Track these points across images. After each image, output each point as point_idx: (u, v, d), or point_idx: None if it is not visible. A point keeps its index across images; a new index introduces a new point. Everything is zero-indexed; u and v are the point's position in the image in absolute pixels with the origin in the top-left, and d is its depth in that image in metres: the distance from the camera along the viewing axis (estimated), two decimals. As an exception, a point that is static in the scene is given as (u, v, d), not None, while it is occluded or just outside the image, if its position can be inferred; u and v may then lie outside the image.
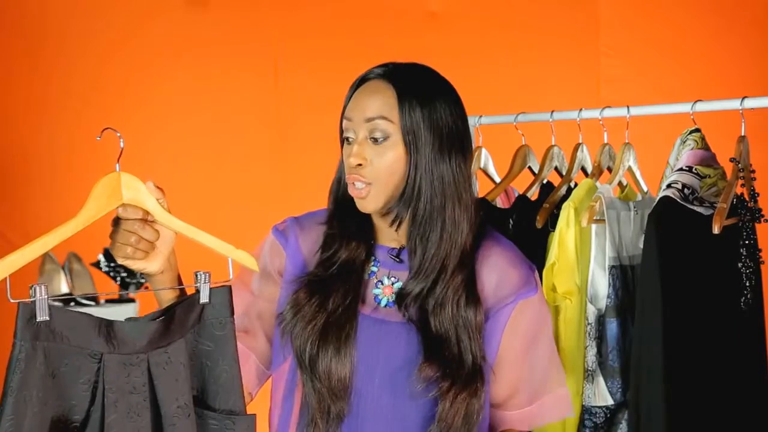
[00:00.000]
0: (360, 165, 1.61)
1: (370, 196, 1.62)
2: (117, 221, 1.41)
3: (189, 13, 3.77)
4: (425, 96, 1.62)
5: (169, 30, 3.75)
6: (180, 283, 1.50)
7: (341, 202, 1.70)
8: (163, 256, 1.45)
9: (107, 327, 1.32)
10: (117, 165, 1.38)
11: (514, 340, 1.67)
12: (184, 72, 3.76)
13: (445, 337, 1.61)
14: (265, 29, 3.83)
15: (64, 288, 3.36)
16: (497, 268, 1.67)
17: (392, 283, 1.68)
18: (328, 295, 1.65)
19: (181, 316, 1.40)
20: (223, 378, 1.44)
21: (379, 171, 1.61)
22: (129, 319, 1.36)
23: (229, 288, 1.45)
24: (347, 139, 1.64)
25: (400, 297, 1.65)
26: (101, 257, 3.35)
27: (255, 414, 1.47)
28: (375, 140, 1.60)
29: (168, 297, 1.48)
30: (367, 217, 1.69)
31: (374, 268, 1.70)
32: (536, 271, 1.72)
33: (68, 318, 1.28)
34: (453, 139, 1.63)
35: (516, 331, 1.67)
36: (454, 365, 1.60)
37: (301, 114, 3.82)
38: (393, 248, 1.70)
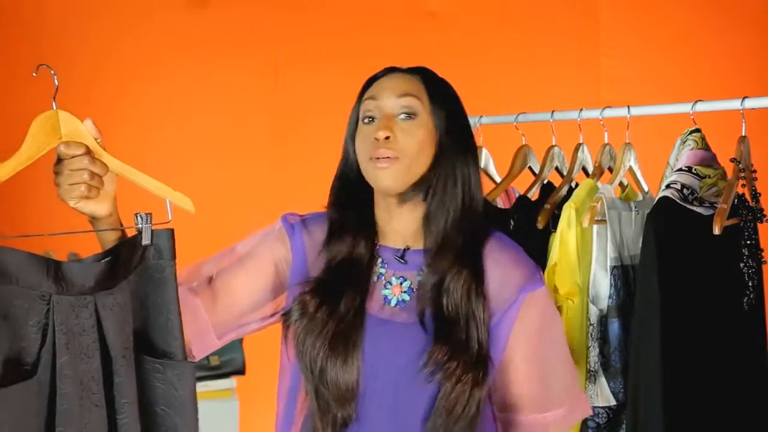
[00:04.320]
0: (388, 138, 1.60)
1: (395, 170, 1.60)
2: (59, 164, 1.36)
3: (189, 13, 3.76)
4: (449, 94, 1.68)
5: (169, 30, 3.74)
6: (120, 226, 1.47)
7: (346, 197, 1.69)
8: (110, 197, 1.42)
9: (56, 268, 1.29)
10: (53, 103, 1.32)
11: (524, 338, 1.66)
12: (184, 72, 3.76)
13: (455, 321, 1.61)
14: (265, 29, 3.82)
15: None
16: (501, 266, 1.66)
17: (400, 283, 1.68)
18: (337, 300, 1.64)
19: (125, 257, 1.38)
20: (161, 321, 1.42)
21: (407, 146, 1.61)
22: (72, 261, 1.33)
23: (172, 231, 1.42)
24: (370, 119, 1.64)
25: (419, 288, 1.65)
26: (101, 257, 3.35)
27: (191, 363, 1.44)
28: (407, 115, 1.62)
29: (112, 239, 1.44)
30: (370, 213, 1.69)
31: (382, 270, 1.69)
32: (541, 271, 1.71)
33: (17, 258, 1.25)
34: (470, 139, 1.69)
35: (525, 328, 1.66)
36: (461, 349, 1.60)
37: (301, 114, 3.82)
38: (398, 249, 1.69)
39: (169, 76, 3.75)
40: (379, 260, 1.69)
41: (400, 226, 1.69)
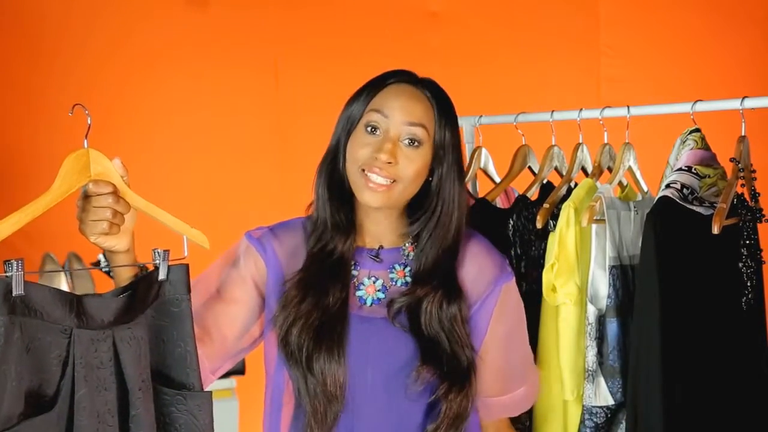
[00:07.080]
0: (390, 163, 1.65)
1: (386, 195, 1.65)
2: (85, 199, 1.40)
3: (189, 13, 3.76)
4: (453, 117, 1.72)
5: (168, 30, 3.74)
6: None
7: (335, 191, 1.72)
8: (130, 233, 1.45)
9: (78, 302, 1.33)
10: (85, 141, 1.37)
11: (500, 325, 1.73)
12: (184, 72, 3.76)
13: (438, 338, 1.65)
14: (265, 29, 3.82)
15: (65, 288, 3.35)
16: (475, 259, 1.74)
17: (373, 282, 1.71)
18: (323, 292, 1.66)
19: (142, 292, 1.42)
20: (177, 354, 1.46)
21: (406, 172, 1.66)
22: (93, 295, 1.37)
23: (187, 266, 1.47)
24: (374, 128, 1.66)
25: (391, 303, 1.68)
26: (101, 257, 3.35)
27: (210, 392, 1.48)
28: (411, 142, 1.66)
29: (127, 275, 1.47)
30: (353, 214, 1.72)
31: (354, 272, 1.72)
32: (508, 261, 1.79)
33: (43, 293, 1.29)
34: (462, 160, 1.73)
35: (501, 315, 1.73)
36: (450, 364, 1.64)
37: (301, 114, 3.82)
38: (371, 249, 1.73)
39: (169, 76, 3.75)
40: (352, 263, 1.72)
41: (373, 226, 1.73)
